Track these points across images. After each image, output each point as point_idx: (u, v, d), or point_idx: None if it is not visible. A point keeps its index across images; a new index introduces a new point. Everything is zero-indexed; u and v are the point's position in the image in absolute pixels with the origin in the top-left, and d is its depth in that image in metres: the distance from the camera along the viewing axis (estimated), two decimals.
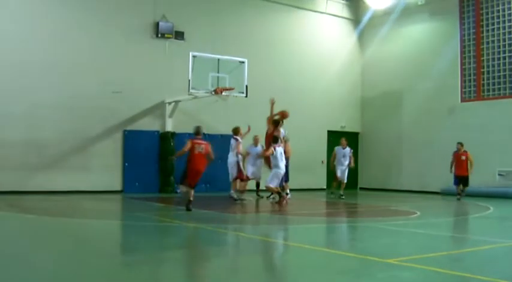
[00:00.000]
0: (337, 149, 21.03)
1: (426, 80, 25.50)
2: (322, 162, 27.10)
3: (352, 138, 28.64)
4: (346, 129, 28.31)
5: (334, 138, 27.81)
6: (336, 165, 20.92)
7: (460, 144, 21.05)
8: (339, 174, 20.74)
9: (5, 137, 19.48)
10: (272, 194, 18.37)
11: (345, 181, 20.89)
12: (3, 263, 7.43)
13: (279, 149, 17.23)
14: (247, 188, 19.25)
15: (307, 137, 25.43)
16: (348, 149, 20.84)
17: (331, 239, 11.11)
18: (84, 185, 20.52)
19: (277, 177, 17.33)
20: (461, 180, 20.84)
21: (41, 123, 20.19)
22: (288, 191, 18.78)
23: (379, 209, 17.62)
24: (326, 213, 17.35)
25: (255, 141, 19.17)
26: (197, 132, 15.02)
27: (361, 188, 28.20)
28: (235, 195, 18.22)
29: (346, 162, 20.75)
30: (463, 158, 20.80)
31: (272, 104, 18.79)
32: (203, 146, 14.64)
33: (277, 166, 17.20)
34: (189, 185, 14.60)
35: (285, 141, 18.47)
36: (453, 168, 21.03)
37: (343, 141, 20.96)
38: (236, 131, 18.55)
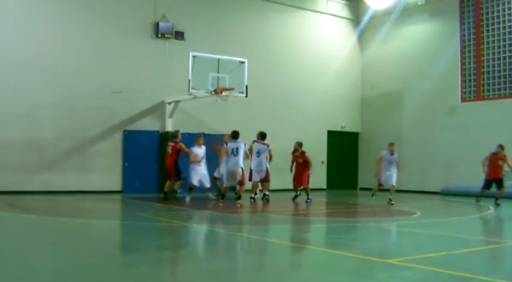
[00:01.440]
0: (385, 153, 19.29)
1: (426, 80, 25.49)
2: (322, 162, 27.08)
3: (352, 139, 28.70)
4: (346, 129, 28.33)
5: (334, 138, 27.87)
6: (381, 170, 19.29)
7: (501, 146, 19.21)
8: (383, 180, 19.16)
9: (5, 136, 19.48)
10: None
11: (395, 185, 19.12)
12: (5, 264, 7.42)
13: (231, 145, 16.92)
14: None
15: (307, 137, 25.34)
16: (396, 155, 19.21)
17: (332, 239, 11.09)
18: (84, 185, 20.51)
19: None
20: (495, 182, 19.12)
21: (40, 123, 20.19)
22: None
23: (379, 209, 17.61)
24: (326, 213, 17.34)
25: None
26: (173, 135, 18.43)
27: (361, 188, 28.18)
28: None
29: (392, 168, 19.07)
30: (501, 162, 19.00)
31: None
32: (170, 147, 18.31)
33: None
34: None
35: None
36: (485, 169, 19.26)
37: (393, 147, 19.26)
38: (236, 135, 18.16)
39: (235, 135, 17.01)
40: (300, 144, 19.24)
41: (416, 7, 26.33)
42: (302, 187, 19.15)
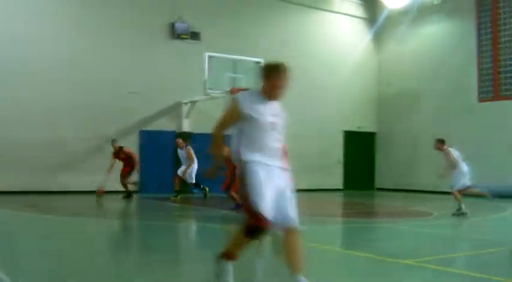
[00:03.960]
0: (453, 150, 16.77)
1: (443, 80, 25.35)
2: (339, 162, 27.05)
3: (368, 139, 28.60)
4: (362, 130, 28.25)
5: (351, 138, 27.80)
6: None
7: None
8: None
9: (25, 137, 19.65)
10: None
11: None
12: (28, 262, 7.50)
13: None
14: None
15: (323, 137, 25.44)
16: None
17: (348, 240, 11.09)
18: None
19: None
20: None
21: (59, 123, 20.35)
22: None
23: (396, 210, 17.56)
24: (343, 213, 17.32)
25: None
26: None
27: (377, 189, 28.11)
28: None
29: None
30: None
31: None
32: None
33: None
34: None
35: None
36: None
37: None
38: None
39: None
40: None
41: (432, 6, 26.18)
42: None
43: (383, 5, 27.89)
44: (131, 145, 21.72)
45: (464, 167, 15.81)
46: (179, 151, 19.05)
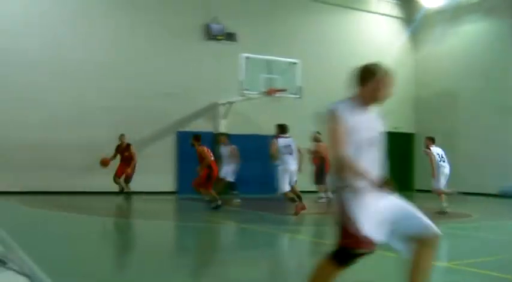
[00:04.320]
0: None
1: (482, 79, 24.97)
2: None
3: (406, 140, 28.33)
4: (400, 130, 27.99)
5: (388, 139, 27.47)
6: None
7: None
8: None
9: (60, 139, 19.92)
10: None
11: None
12: (60, 261, 7.60)
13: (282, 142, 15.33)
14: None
15: None
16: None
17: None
18: (138, 186, 20.73)
19: None
20: None
21: (95, 125, 20.57)
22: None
23: (434, 211, 17.36)
24: None
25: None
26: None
27: (416, 190, 27.82)
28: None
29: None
30: None
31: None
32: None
33: None
34: None
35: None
36: None
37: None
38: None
39: (284, 129, 14.98)
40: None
41: (469, 5, 25.80)
42: None
43: (419, 4, 27.60)
44: (168, 146, 21.93)
45: (444, 167, 16.61)
46: (222, 149, 18.79)
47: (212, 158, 16.15)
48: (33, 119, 19.77)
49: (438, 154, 16.63)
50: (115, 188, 19.34)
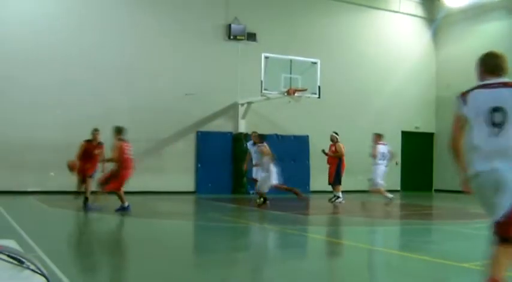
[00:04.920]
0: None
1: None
2: (396, 163, 26.71)
3: (427, 139, 28.16)
4: (421, 130, 27.83)
5: (409, 139, 27.41)
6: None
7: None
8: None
9: (83, 138, 19.97)
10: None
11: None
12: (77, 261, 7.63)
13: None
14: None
15: None
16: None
17: (404, 242, 10.94)
18: (158, 186, 20.83)
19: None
20: None
21: (116, 124, 20.62)
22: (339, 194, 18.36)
23: (454, 212, 17.24)
24: (401, 215, 17.10)
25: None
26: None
27: (435, 190, 27.65)
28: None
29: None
30: None
31: None
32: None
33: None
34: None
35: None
36: None
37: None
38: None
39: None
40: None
41: (492, 3, 25.57)
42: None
43: (442, 3, 27.39)
44: (189, 146, 21.95)
45: (380, 165, 17.17)
46: (250, 147, 17.76)
47: (127, 156, 14.79)
48: (56, 119, 19.91)
49: (381, 152, 17.11)
50: (134, 187, 19.46)
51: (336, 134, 18.51)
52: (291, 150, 21.79)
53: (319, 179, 21.09)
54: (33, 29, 19.83)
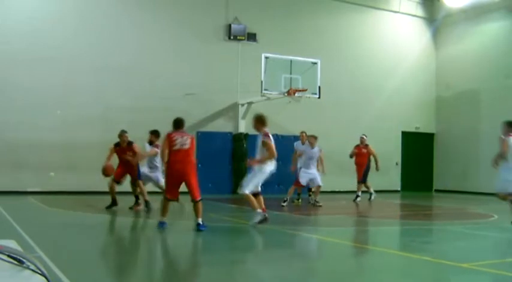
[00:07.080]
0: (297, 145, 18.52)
1: (505, 79, 24.73)
2: (396, 163, 26.75)
3: (427, 140, 28.17)
4: (421, 130, 27.84)
5: (409, 139, 27.43)
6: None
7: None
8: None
9: (83, 139, 20.05)
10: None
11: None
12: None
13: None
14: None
15: (380, 137, 25.10)
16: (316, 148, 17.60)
17: (404, 242, 10.95)
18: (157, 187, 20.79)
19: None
20: None
21: (116, 125, 20.59)
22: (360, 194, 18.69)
23: (454, 212, 17.25)
24: (401, 215, 17.11)
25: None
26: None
27: (436, 190, 27.67)
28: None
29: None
30: None
31: None
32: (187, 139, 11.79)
33: None
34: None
35: None
36: None
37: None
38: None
39: None
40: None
41: (493, 4, 25.58)
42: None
43: (442, 3, 27.41)
44: None
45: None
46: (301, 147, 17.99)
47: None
48: (56, 120, 19.92)
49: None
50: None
51: (365, 136, 19.65)
52: (291, 151, 21.76)
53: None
54: (33, 29, 19.80)
